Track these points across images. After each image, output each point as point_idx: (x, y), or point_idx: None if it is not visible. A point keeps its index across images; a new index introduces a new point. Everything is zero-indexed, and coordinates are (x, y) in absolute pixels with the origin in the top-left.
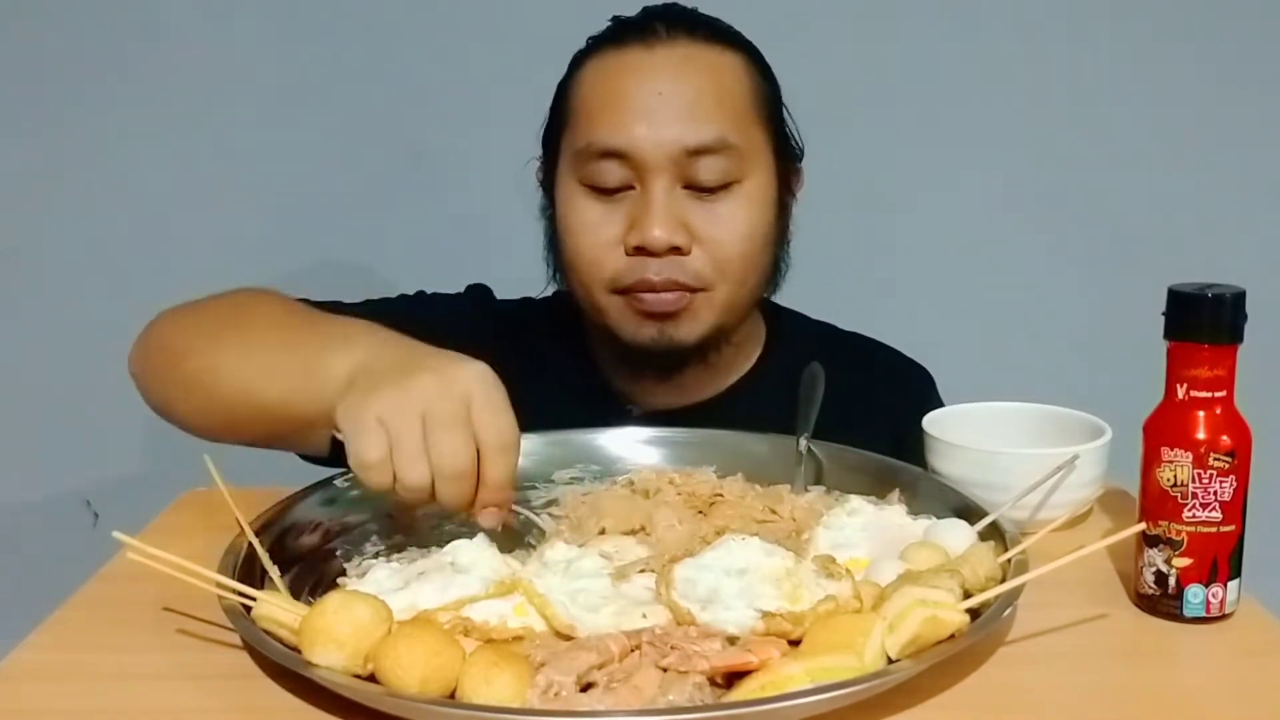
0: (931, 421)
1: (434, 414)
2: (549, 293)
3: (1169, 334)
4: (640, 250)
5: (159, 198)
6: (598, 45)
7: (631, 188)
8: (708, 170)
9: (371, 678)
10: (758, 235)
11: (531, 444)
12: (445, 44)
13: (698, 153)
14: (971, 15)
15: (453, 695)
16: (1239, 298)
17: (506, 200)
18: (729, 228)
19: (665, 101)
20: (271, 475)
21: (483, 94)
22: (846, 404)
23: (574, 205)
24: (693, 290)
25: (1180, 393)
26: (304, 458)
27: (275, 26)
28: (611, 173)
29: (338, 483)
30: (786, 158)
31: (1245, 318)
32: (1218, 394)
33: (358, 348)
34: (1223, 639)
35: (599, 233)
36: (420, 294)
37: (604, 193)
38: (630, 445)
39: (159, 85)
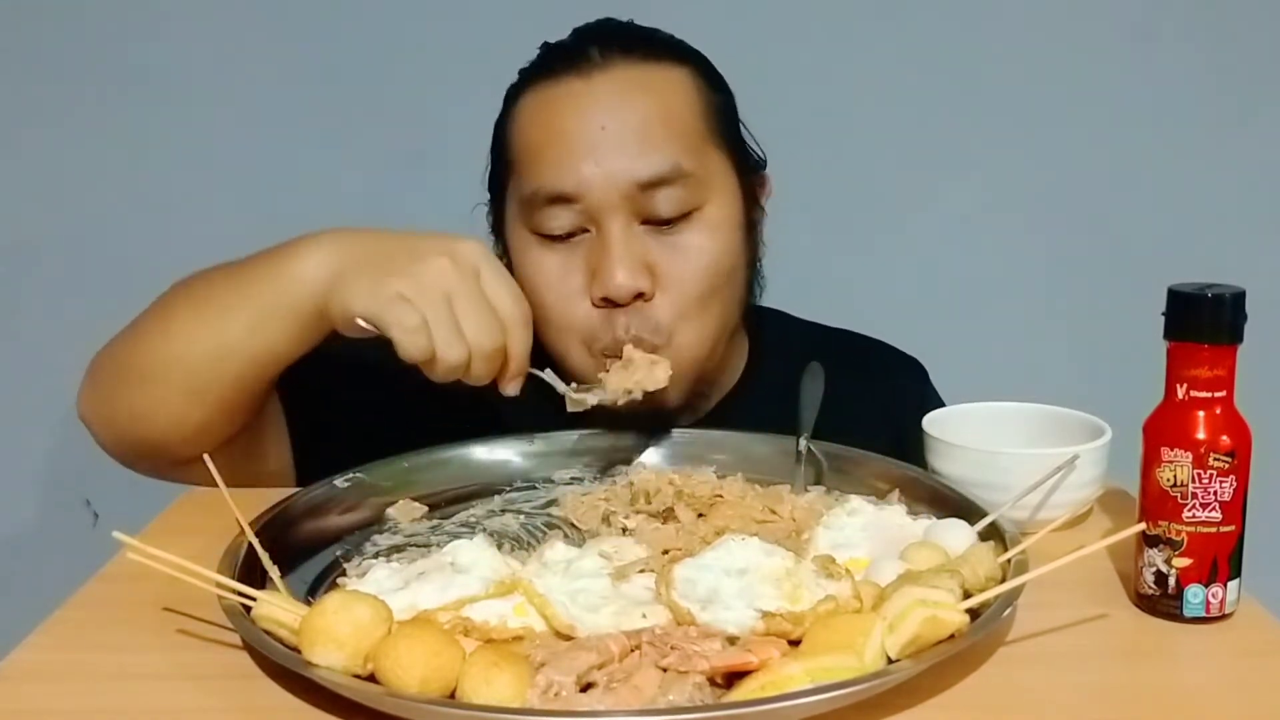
0: (931, 421)
1: (458, 294)
2: None
3: (1169, 334)
4: (607, 301)
5: (159, 198)
6: (530, 78)
7: (586, 230)
8: (665, 202)
9: (371, 678)
10: (723, 265)
11: (531, 444)
12: (446, 44)
13: (652, 185)
14: (974, 13)
15: (453, 695)
16: (1239, 298)
17: None
18: (693, 260)
19: (610, 135)
20: None
21: (484, 94)
22: (843, 403)
23: (530, 258)
24: (655, 344)
25: (1180, 393)
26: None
27: (276, 26)
28: (562, 218)
29: (338, 483)
30: (748, 170)
31: (1245, 318)
32: (1218, 394)
33: (325, 245)
34: (1223, 639)
35: (562, 285)
36: None
37: (558, 239)
38: (630, 445)
39: (157, 86)
